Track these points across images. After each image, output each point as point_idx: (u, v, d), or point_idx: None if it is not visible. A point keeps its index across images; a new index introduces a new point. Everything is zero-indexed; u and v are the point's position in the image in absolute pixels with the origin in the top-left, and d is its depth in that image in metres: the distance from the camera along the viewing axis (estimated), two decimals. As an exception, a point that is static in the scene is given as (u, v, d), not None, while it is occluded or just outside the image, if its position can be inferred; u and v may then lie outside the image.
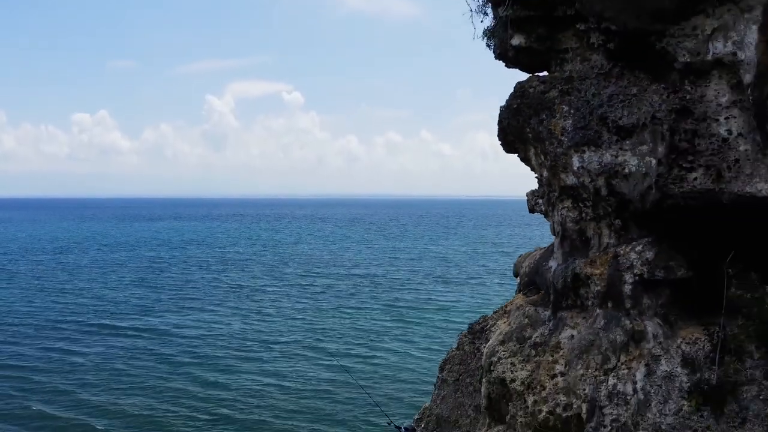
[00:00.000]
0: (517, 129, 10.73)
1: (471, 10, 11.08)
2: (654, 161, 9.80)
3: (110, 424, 31.65)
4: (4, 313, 58.16)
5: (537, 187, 11.88)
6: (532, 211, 12.02)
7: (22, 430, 30.83)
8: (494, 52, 11.08)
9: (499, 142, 11.22)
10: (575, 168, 10.24)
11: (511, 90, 10.73)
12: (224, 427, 31.42)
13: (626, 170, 9.99)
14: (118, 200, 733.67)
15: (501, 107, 10.94)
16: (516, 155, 11.35)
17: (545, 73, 10.98)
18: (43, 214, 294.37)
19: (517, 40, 10.53)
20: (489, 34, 10.98)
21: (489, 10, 10.77)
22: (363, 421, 31.76)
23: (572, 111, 10.08)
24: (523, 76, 11.00)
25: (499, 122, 11.07)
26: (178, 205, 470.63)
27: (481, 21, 11.08)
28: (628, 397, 10.20)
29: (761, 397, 9.61)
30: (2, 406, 34.02)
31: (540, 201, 11.70)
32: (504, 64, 11.16)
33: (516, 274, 12.71)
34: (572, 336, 10.80)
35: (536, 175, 11.44)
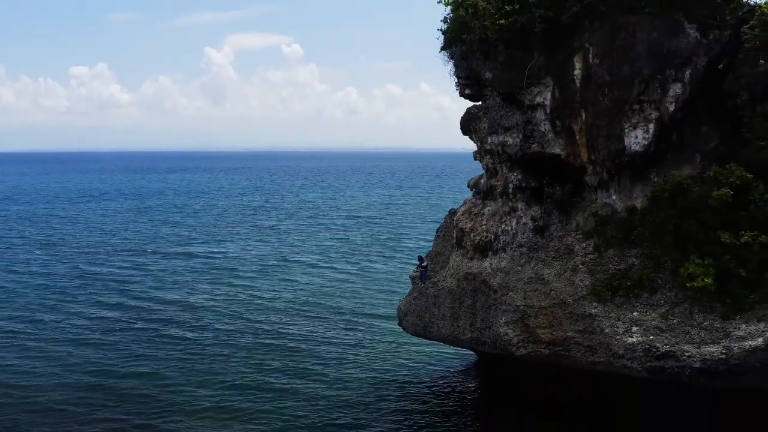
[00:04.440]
0: (467, 126, 26.66)
1: (450, 74, 26.77)
2: (518, 140, 25.55)
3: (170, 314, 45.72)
4: (81, 246, 72.22)
5: (476, 149, 27.68)
6: (475, 159, 27.86)
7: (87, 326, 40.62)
8: (459, 94, 26.81)
9: (461, 132, 27.12)
10: (489, 142, 26.10)
11: (465, 110, 26.63)
12: (260, 315, 43.47)
13: (508, 143, 25.76)
14: (120, 153, 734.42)
15: (461, 117, 26.80)
16: (467, 137, 27.25)
17: (479, 103, 26.77)
18: (51, 167, 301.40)
19: (467, 91, 26.31)
20: (456, 85, 26.68)
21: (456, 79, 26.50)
22: (365, 304, 46.25)
23: (487, 120, 25.89)
24: (470, 103, 26.86)
25: (460, 122, 27.04)
26: (180, 158, 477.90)
27: (455, 79, 26.75)
28: (509, 232, 26.13)
29: (556, 228, 25.50)
30: (76, 308, 44.50)
31: (477, 156, 27.55)
32: (464, 99, 26.95)
33: (468, 185, 28.74)
34: (489, 209, 26.79)
35: (476, 144, 27.26)
